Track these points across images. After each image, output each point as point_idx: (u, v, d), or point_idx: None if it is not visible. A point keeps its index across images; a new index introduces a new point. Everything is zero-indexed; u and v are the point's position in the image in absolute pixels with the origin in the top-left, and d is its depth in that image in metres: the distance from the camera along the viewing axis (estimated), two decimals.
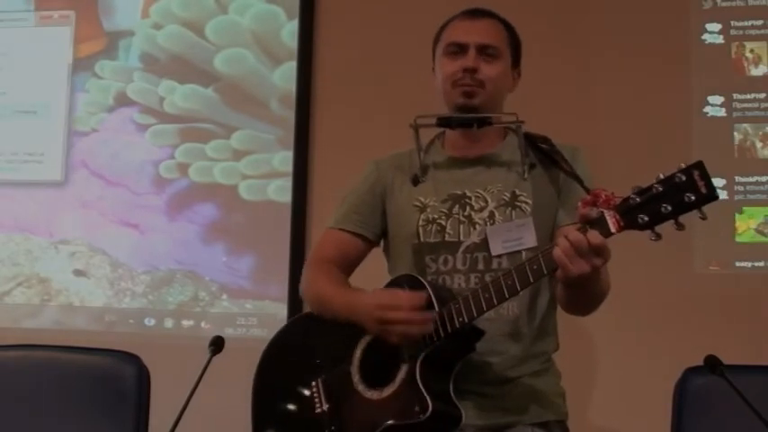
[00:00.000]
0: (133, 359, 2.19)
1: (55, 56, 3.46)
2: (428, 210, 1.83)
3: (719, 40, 3.01)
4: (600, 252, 1.49)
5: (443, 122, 1.85)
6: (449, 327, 1.65)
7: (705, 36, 3.02)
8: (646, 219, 1.44)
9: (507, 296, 1.60)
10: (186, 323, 3.26)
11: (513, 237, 1.77)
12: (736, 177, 2.93)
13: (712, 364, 1.88)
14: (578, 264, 1.48)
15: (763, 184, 2.93)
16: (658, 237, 1.45)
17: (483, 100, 1.82)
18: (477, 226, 1.79)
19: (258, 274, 3.22)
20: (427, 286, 1.71)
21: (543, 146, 1.82)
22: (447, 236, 1.80)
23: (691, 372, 2.10)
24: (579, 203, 1.51)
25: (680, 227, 1.44)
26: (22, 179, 3.42)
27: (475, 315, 1.64)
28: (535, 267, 1.56)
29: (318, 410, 1.80)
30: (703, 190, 1.42)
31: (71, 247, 3.36)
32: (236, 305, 3.23)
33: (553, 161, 1.80)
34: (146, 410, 2.15)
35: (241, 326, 3.20)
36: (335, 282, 1.87)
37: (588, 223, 1.49)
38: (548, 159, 1.82)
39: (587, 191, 1.63)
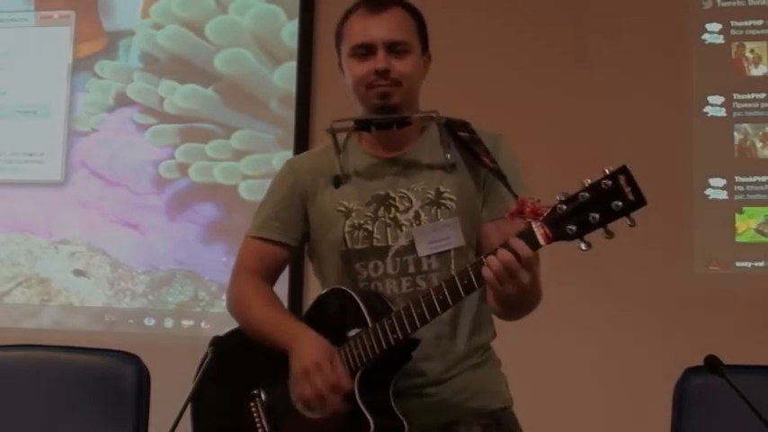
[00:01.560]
0: (133, 359, 2.19)
1: (55, 56, 3.47)
2: (353, 214, 1.77)
3: (719, 40, 3.01)
4: (529, 265, 1.45)
5: (362, 126, 1.78)
6: (384, 343, 1.61)
7: (705, 36, 3.02)
8: (574, 229, 1.40)
9: (440, 311, 1.57)
10: (186, 323, 3.26)
11: (440, 237, 1.73)
12: (736, 177, 2.94)
13: (712, 364, 1.87)
14: (510, 283, 1.45)
15: (763, 184, 2.93)
16: (588, 246, 1.41)
17: (401, 98, 1.74)
18: (404, 227, 1.74)
19: None
20: (359, 302, 1.67)
21: (463, 134, 1.76)
22: (375, 241, 1.75)
23: (691, 372, 2.10)
24: (506, 215, 1.47)
25: (609, 235, 1.39)
26: (22, 179, 3.42)
27: (409, 332, 1.60)
28: (465, 282, 1.53)
29: (259, 430, 1.76)
30: (630, 196, 1.36)
31: (71, 247, 3.36)
32: None
33: (475, 155, 1.73)
34: (146, 410, 2.15)
35: None
36: (267, 302, 1.80)
37: (517, 236, 1.45)
38: (470, 153, 1.75)
39: (510, 189, 1.60)
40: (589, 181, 1.39)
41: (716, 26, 3.02)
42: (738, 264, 2.92)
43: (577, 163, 2.74)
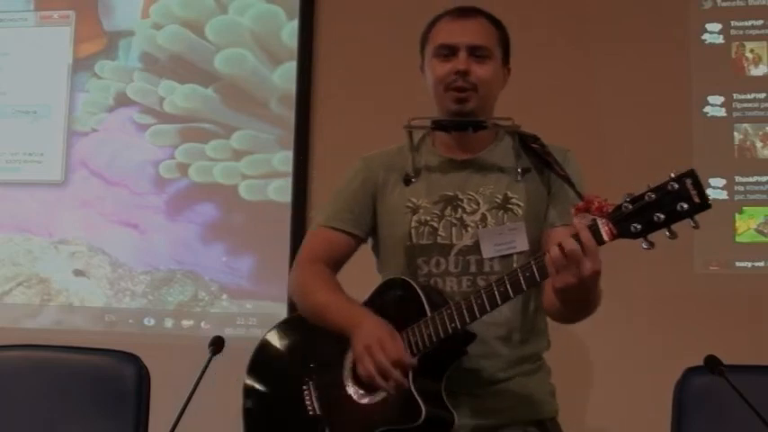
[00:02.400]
0: (133, 359, 2.19)
1: (55, 56, 3.46)
2: (420, 211, 1.82)
3: (719, 40, 3.01)
4: (592, 257, 1.48)
5: (438, 126, 1.84)
6: (441, 332, 1.65)
7: (705, 36, 3.02)
8: (639, 227, 1.45)
9: (500, 303, 1.61)
10: (186, 323, 3.26)
11: (505, 240, 1.78)
12: (736, 177, 2.94)
13: (712, 364, 1.88)
14: (571, 271, 1.49)
15: (763, 184, 2.93)
16: (651, 245, 1.46)
17: (476, 104, 1.81)
18: (470, 228, 1.79)
19: (258, 274, 3.22)
20: (420, 292, 1.71)
21: (535, 146, 1.81)
22: (439, 238, 1.80)
23: (691, 372, 2.10)
24: (572, 210, 1.51)
25: (672, 235, 1.45)
26: (22, 179, 3.42)
27: (467, 321, 1.64)
28: (527, 275, 1.57)
29: (311, 413, 1.80)
30: (696, 199, 1.43)
31: (71, 247, 3.36)
32: (236, 305, 3.23)
33: (545, 163, 1.79)
34: (146, 410, 2.15)
35: (241, 326, 3.20)
36: (330, 288, 1.85)
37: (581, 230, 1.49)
38: (539, 161, 1.81)
39: (579, 195, 1.64)
40: (654, 184, 1.44)
41: (716, 26, 3.02)
42: (738, 264, 2.92)
43: None
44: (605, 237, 1.47)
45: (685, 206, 1.42)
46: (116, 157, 3.38)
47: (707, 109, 2.99)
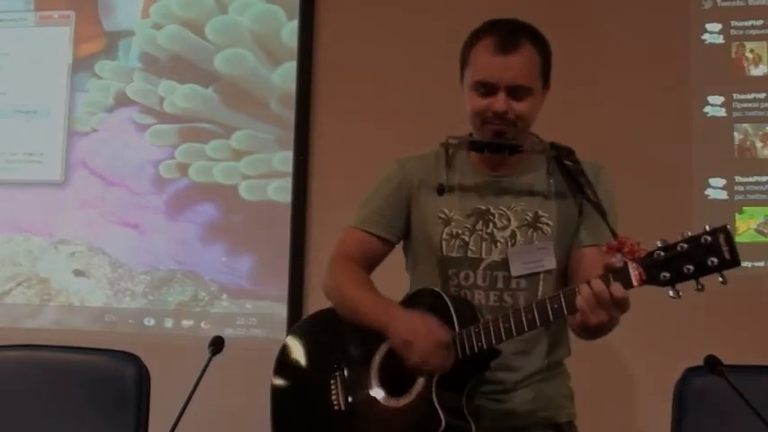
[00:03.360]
0: (133, 359, 2.19)
1: (55, 56, 3.46)
2: (452, 223, 1.84)
3: (719, 40, 3.01)
4: (621, 305, 1.54)
5: (475, 147, 1.84)
6: (467, 349, 1.69)
7: (705, 36, 3.02)
8: (668, 276, 1.49)
9: (527, 329, 1.65)
10: (186, 323, 3.26)
11: (534, 258, 1.81)
12: (736, 177, 2.93)
13: (712, 364, 1.88)
14: (598, 314, 1.53)
15: (763, 184, 2.93)
16: (677, 294, 1.50)
17: (513, 136, 1.80)
18: (499, 244, 1.82)
19: (258, 274, 3.22)
20: (450, 305, 1.74)
21: (568, 163, 1.82)
22: (469, 252, 1.82)
23: (691, 372, 2.10)
24: (604, 248, 1.55)
25: (700, 287, 1.49)
26: (22, 179, 3.42)
27: (494, 342, 1.68)
28: (555, 306, 1.61)
29: (336, 408, 1.83)
30: (727, 255, 1.45)
31: (71, 247, 3.36)
32: (236, 305, 3.23)
33: (578, 184, 1.81)
34: (146, 410, 2.15)
35: (241, 326, 3.20)
36: (364, 285, 1.87)
37: (611, 272, 1.53)
38: (573, 182, 1.82)
39: (613, 233, 1.66)
40: (689, 233, 1.47)
41: (716, 26, 3.02)
42: None
43: None
44: (635, 282, 1.52)
45: (715, 261, 1.46)
46: (116, 157, 3.38)
47: (707, 109, 2.99)
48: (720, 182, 2.92)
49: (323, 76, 3.25)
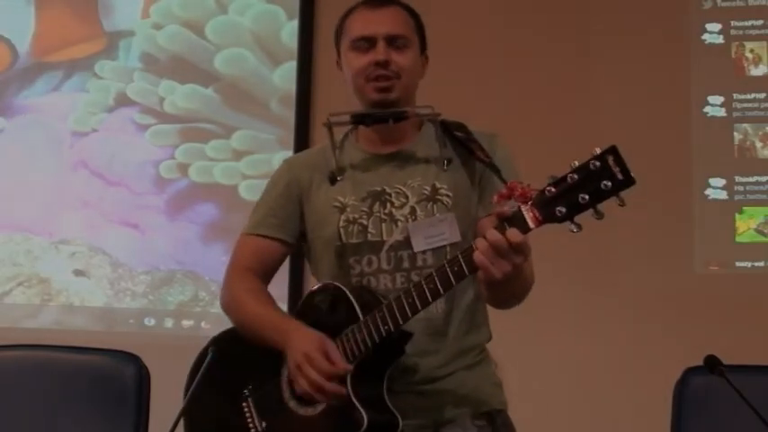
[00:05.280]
0: (133, 359, 2.19)
1: None
2: (348, 209, 1.77)
3: (719, 40, 3.02)
4: (520, 249, 1.44)
5: (358, 120, 1.79)
6: (375, 336, 1.61)
7: (705, 36, 3.02)
8: (563, 210, 1.39)
9: (431, 300, 1.56)
10: (186, 323, 3.26)
11: (436, 232, 1.73)
12: (736, 177, 2.94)
13: (712, 364, 1.88)
14: (500, 265, 1.44)
15: (763, 184, 2.93)
16: (579, 228, 1.39)
17: (399, 93, 1.76)
18: (399, 223, 1.75)
19: None
20: (350, 295, 1.67)
21: (459, 134, 1.76)
22: (369, 235, 1.75)
23: (691, 372, 2.10)
24: (494, 198, 1.46)
25: (599, 216, 1.38)
26: (21, 179, 3.42)
27: (400, 322, 1.59)
28: (456, 269, 1.52)
29: (253, 431, 1.76)
30: (619, 176, 1.36)
31: (71, 247, 3.36)
32: None
33: (470, 151, 1.74)
34: (146, 410, 2.15)
35: None
36: (260, 300, 1.81)
37: (505, 219, 1.44)
38: (465, 149, 1.76)
39: (504, 181, 1.57)
40: (577, 163, 1.39)
41: (716, 26, 3.02)
42: (738, 264, 2.93)
43: None
44: (531, 224, 1.42)
45: (609, 184, 1.36)
46: (116, 157, 3.38)
47: (707, 109, 2.99)
48: (720, 182, 2.92)
49: (323, 76, 3.25)
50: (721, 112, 2.98)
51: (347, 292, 1.68)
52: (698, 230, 2.91)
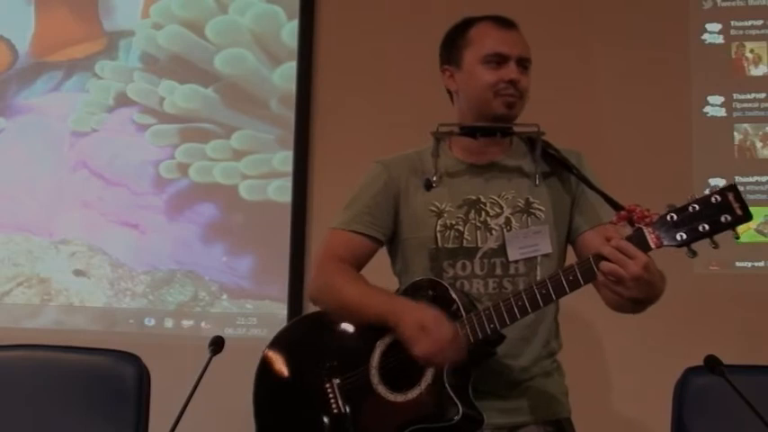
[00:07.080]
0: (133, 359, 2.19)
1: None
2: (445, 215, 1.86)
3: (719, 40, 3.02)
4: (646, 268, 1.56)
5: (468, 132, 1.87)
6: (479, 333, 1.69)
7: (705, 36, 3.02)
8: (684, 236, 1.53)
9: (542, 305, 1.66)
10: (186, 323, 3.26)
11: (530, 243, 1.83)
12: (737, 177, 2.94)
13: (712, 364, 1.88)
14: (630, 267, 1.55)
15: (763, 184, 2.93)
16: (694, 254, 1.54)
17: (519, 110, 1.87)
18: (494, 232, 1.84)
19: (258, 274, 3.22)
20: (453, 294, 1.75)
21: (552, 151, 1.87)
22: (465, 241, 1.84)
23: (691, 372, 2.11)
24: (614, 218, 1.59)
25: (715, 245, 1.53)
26: (21, 179, 3.42)
27: (508, 322, 1.68)
28: (571, 278, 1.62)
29: (336, 412, 1.81)
30: (739, 211, 1.50)
31: (71, 247, 3.36)
32: (236, 305, 3.23)
33: (564, 167, 1.85)
34: (146, 410, 2.15)
35: (241, 326, 3.20)
36: (361, 282, 1.87)
37: (627, 238, 1.56)
38: (560, 165, 1.87)
39: (615, 203, 1.69)
40: (696, 196, 1.53)
41: (716, 26, 3.02)
42: (738, 264, 2.92)
43: None
44: (652, 244, 1.55)
45: (729, 218, 1.50)
46: (116, 157, 3.38)
47: (707, 109, 2.99)
48: (720, 182, 2.92)
49: (323, 76, 3.25)
50: (721, 112, 2.98)
51: (450, 290, 1.76)
52: None
